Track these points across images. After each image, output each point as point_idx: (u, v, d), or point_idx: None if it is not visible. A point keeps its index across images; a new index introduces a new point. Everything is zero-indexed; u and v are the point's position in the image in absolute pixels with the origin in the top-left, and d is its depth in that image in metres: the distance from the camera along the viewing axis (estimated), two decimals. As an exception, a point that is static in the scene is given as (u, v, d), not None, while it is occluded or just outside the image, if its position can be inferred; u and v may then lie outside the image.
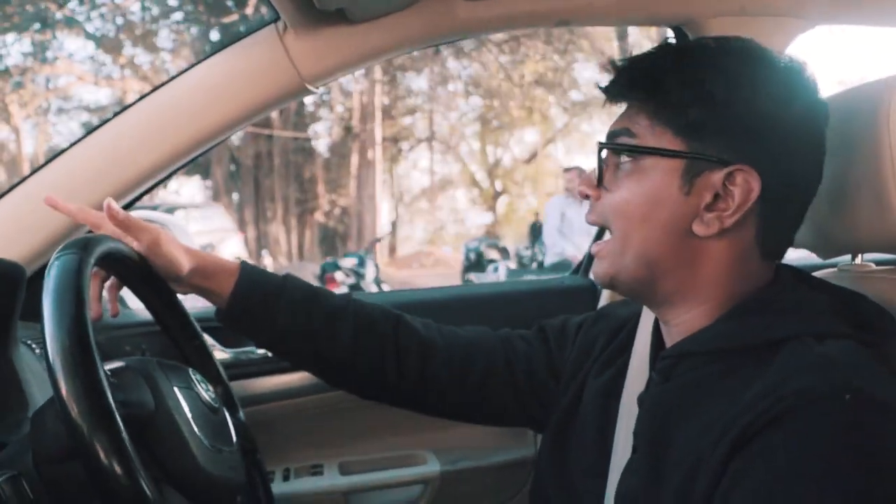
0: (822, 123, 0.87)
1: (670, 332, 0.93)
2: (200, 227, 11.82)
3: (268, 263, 11.58)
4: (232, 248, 11.94)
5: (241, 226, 16.13)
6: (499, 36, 15.52)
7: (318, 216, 20.15)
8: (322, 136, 20.41)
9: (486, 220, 22.70)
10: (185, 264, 1.04)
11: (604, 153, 0.93)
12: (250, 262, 1.14)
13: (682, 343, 0.89)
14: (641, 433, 0.88)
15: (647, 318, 1.04)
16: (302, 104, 17.78)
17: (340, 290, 7.41)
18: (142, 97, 1.27)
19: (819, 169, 0.87)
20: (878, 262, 1.09)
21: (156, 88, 1.27)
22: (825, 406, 0.69)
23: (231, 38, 1.46)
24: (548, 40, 16.47)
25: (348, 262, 9.72)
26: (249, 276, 1.08)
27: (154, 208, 11.62)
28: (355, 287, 9.04)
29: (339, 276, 9.25)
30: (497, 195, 22.55)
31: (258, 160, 18.66)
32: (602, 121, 18.78)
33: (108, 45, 15.23)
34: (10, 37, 14.12)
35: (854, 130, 0.90)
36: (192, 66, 1.28)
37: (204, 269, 1.07)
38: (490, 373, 1.14)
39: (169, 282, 1.07)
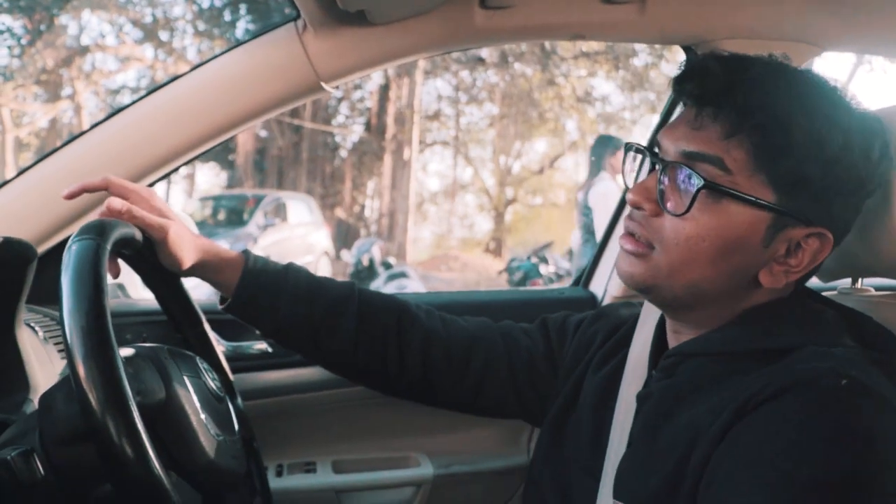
0: None
1: (679, 338, 0.93)
2: (297, 218, 11.69)
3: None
4: (321, 240, 12.04)
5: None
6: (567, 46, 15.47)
7: (339, 212, 19.99)
8: (352, 133, 20.24)
9: (492, 227, 22.58)
10: (187, 261, 1.04)
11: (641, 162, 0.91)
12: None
13: (689, 343, 0.89)
14: (639, 425, 0.90)
15: (646, 319, 1.04)
16: (330, 99, 17.80)
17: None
18: (159, 86, 1.28)
19: None
20: (877, 288, 1.11)
21: (174, 79, 1.28)
22: (822, 385, 0.72)
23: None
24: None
25: (544, 268, 9.33)
26: (253, 268, 1.09)
27: (261, 197, 11.46)
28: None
29: (540, 282, 8.96)
30: (508, 202, 22.46)
31: (283, 151, 18.54)
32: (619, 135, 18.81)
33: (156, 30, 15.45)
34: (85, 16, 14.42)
35: None
36: (211, 59, 1.29)
37: (208, 263, 1.08)
38: (491, 365, 1.14)
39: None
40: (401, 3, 1.19)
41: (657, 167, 0.86)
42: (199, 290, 1.43)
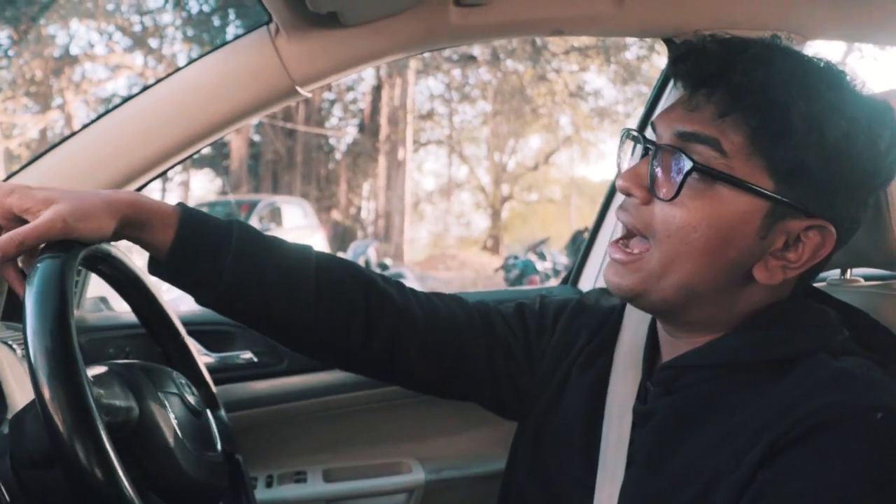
0: None
1: (674, 344, 0.89)
2: (292, 222, 11.62)
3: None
4: (317, 243, 12.05)
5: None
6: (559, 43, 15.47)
7: (335, 214, 19.97)
8: (345, 135, 20.27)
9: (489, 224, 22.63)
10: (106, 229, 0.87)
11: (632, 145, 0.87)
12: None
13: (688, 355, 0.85)
14: (642, 446, 0.85)
15: (632, 320, 1.01)
16: (323, 101, 17.83)
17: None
18: (132, 96, 1.26)
19: None
20: (866, 277, 1.10)
21: (146, 88, 1.26)
22: (857, 423, 0.68)
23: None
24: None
25: (541, 265, 9.16)
26: (190, 225, 0.92)
27: (255, 202, 11.47)
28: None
29: (536, 279, 8.82)
30: (504, 200, 22.48)
31: (277, 155, 18.53)
32: (611, 132, 18.82)
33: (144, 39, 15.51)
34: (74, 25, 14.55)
35: None
36: (184, 66, 1.27)
37: (133, 221, 0.89)
38: (468, 349, 1.05)
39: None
40: (373, 4, 1.17)
41: (650, 152, 0.82)
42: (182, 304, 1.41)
